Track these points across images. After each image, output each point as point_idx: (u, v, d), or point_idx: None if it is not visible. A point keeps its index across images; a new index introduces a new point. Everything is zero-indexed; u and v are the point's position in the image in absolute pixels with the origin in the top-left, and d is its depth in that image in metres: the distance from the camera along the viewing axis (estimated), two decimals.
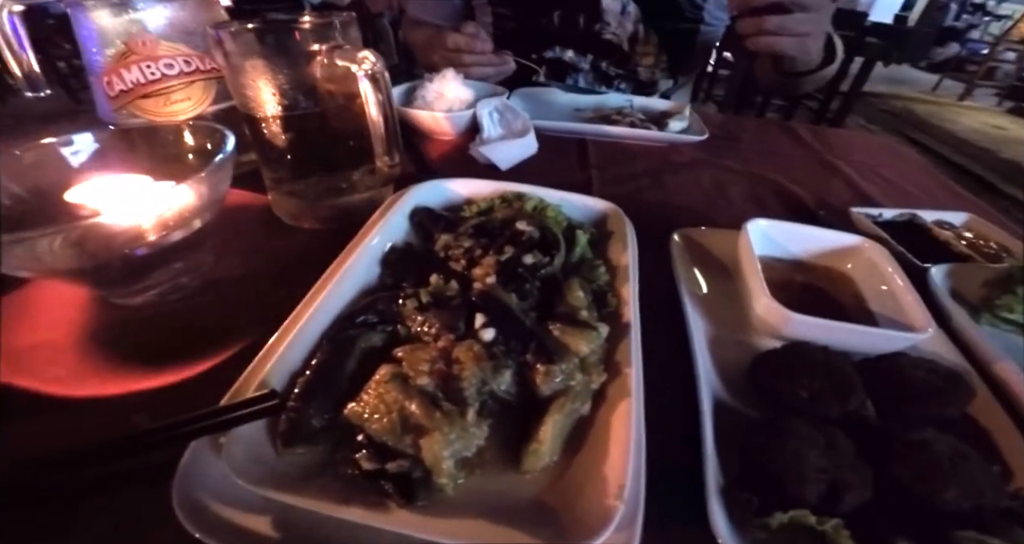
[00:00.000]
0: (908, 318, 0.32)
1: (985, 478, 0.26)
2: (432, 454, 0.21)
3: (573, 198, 0.42)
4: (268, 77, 0.36)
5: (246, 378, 0.25)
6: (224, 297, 0.39)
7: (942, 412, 0.30)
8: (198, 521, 0.21)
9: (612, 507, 0.20)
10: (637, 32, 0.84)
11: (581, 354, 0.26)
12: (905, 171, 0.68)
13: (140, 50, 0.42)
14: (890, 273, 0.35)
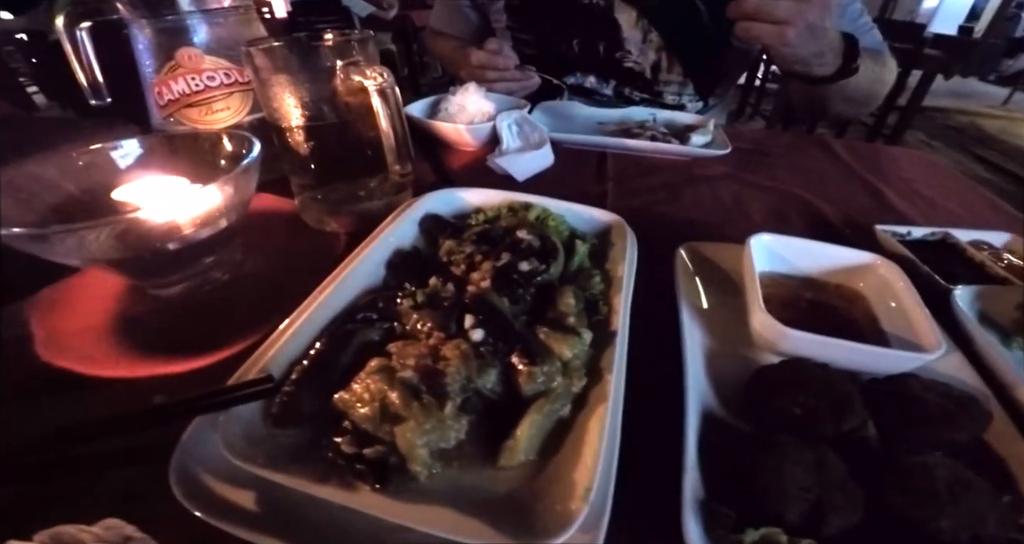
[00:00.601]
0: (919, 338, 0.30)
1: (990, 507, 0.24)
2: (406, 442, 0.22)
3: (578, 209, 0.43)
4: (292, 90, 0.39)
5: (249, 365, 0.27)
6: (249, 291, 0.42)
7: (952, 437, 0.28)
8: (192, 494, 0.23)
9: (576, 509, 0.21)
10: (660, 60, 0.82)
11: (564, 358, 0.27)
12: (947, 188, 0.65)
13: (187, 63, 0.47)
14: (903, 291, 0.34)
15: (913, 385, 0.30)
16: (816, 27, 0.58)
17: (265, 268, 0.45)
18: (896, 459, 0.26)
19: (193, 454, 0.24)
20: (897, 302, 0.34)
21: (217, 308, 0.40)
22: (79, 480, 0.26)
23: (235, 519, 0.22)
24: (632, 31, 0.80)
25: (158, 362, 0.34)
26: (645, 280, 0.37)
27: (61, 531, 0.22)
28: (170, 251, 0.37)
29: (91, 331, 0.37)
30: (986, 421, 0.29)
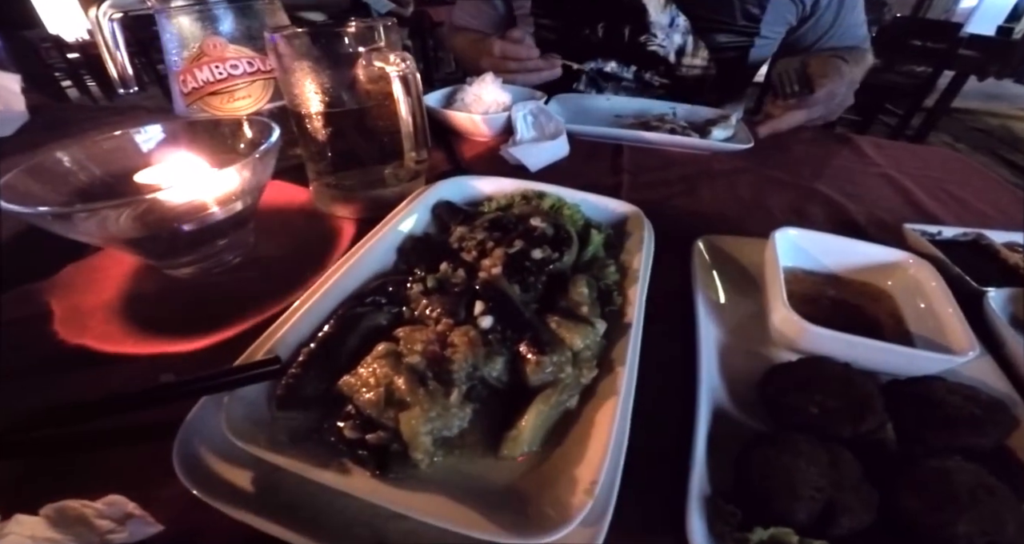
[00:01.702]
0: (948, 340, 0.29)
1: (1011, 515, 0.23)
2: (409, 428, 0.22)
3: (593, 199, 0.42)
4: (314, 77, 0.39)
5: (258, 345, 0.27)
6: (260, 273, 0.43)
7: (974, 442, 0.27)
8: (193, 473, 0.23)
9: (579, 503, 0.20)
10: (685, 44, 0.81)
11: (574, 348, 0.26)
12: (978, 188, 0.62)
13: (211, 52, 0.47)
14: (935, 291, 0.32)
15: (938, 388, 0.29)
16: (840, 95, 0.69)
17: (276, 252, 0.45)
18: (914, 462, 0.25)
19: (197, 434, 0.24)
20: (927, 302, 0.32)
21: (228, 289, 0.40)
22: (85, 458, 0.27)
23: (233, 500, 0.22)
24: (659, 15, 0.80)
25: (170, 340, 0.35)
26: (660, 272, 0.36)
27: (66, 506, 0.22)
28: (186, 232, 0.37)
29: (106, 309, 0.38)
30: (1012, 427, 0.28)
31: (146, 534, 0.23)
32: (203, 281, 0.41)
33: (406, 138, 0.41)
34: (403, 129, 0.40)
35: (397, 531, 0.22)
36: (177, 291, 0.40)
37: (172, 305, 0.39)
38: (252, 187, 0.39)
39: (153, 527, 0.23)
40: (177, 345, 0.34)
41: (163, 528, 0.23)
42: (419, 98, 0.38)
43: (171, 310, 0.38)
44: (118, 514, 0.23)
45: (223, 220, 0.39)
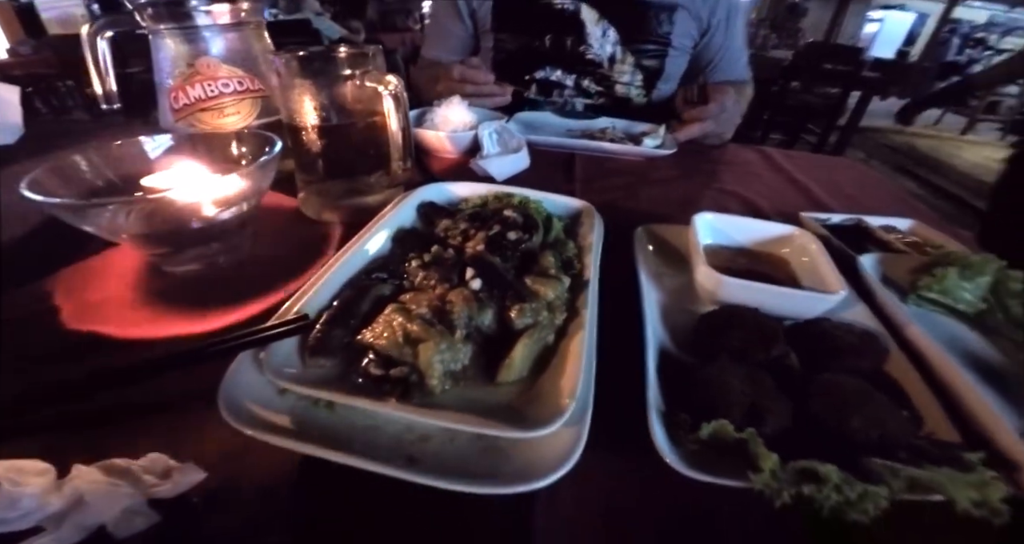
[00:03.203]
0: (826, 286, 0.38)
1: (890, 415, 0.31)
2: (426, 358, 0.28)
3: (553, 197, 0.50)
4: (310, 94, 0.45)
5: (284, 310, 0.32)
6: (254, 271, 0.46)
7: (857, 364, 0.35)
8: (238, 417, 0.26)
9: (564, 404, 0.26)
10: (615, 53, 0.98)
11: (548, 298, 0.33)
12: (866, 187, 0.76)
13: (205, 71, 0.52)
14: (817, 254, 0.42)
15: (826, 326, 0.37)
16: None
17: (271, 252, 0.50)
18: (814, 378, 0.33)
19: (235, 387, 0.28)
20: (812, 263, 0.42)
21: (229, 283, 0.44)
22: (122, 423, 0.30)
23: (275, 433, 0.26)
24: (594, 28, 0.96)
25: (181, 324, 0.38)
26: (609, 255, 0.43)
27: (112, 463, 0.26)
28: (190, 230, 0.41)
29: (112, 303, 0.41)
30: (884, 354, 0.37)
31: (191, 483, 0.26)
32: (205, 276, 0.44)
33: (395, 148, 0.47)
34: (392, 140, 0.46)
35: (422, 452, 0.27)
36: (180, 286, 0.43)
37: (176, 297, 0.42)
38: (253, 192, 0.44)
39: (198, 474, 0.26)
40: (189, 327, 0.38)
41: (207, 475, 0.26)
42: (406, 114, 0.45)
43: (176, 301, 0.41)
44: (159, 469, 0.26)
45: (226, 221, 0.43)
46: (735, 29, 1.01)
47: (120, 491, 0.23)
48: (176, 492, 0.25)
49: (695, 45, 1.01)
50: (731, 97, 0.86)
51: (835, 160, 0.89)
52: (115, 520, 0.23)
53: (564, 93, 1.03)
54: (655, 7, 0.95)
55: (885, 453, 0.29)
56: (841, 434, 0.30)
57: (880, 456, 0.28)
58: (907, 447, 0.30)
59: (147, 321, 0.39)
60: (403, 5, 6.95)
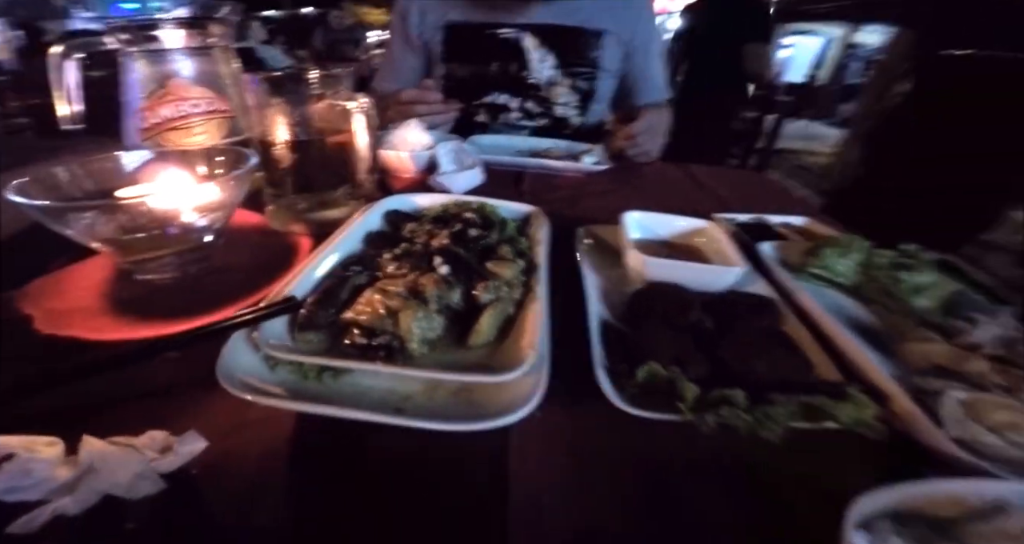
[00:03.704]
0: (730, 264, 0.47)
1: (786, 361, 0.39)
2: (405, 324, 0.32)
3: (506, 203, 0.57)
4: (283, 113, 0.50)
5: (272, 296, 0.35)
6: (226, 279, 0.48)
7: (759, 324, 0.43)
8: (233, 386, 0.30)
9: (526, 354, 0.32)
10: (553, 77, 1.10)
11: (506, 278, 0.39)
12: (772, 196, 0.89)
13: (176, 91, 0.55)
14: (723, 241, 0.51)
15: (734, 295, 0.46)
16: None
17: (241, 261, 0.52)
18: (724, 335, 0.41)
19: (231, 363, 0.31)
20: (720, 249, 0.51)
21: (199, 292, 0.46)
22: (128, 405, 0.32)
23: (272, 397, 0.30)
24: (534, 54, 1.08)
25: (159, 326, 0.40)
26: (556, 252, 0.49)
27: (114, 439, 0.28)
28: (165, 237, 0.44)
29: (86, 310, 0.42)
30: (780, 316, 0.45)
31: (193, 453, 0.28)
32: (178, 285, 0.46)
33: (362, 161, 0.52)
34: (360, 154, 0.52)
35: (408, 408, 0.31)
36: (153, 294, 0.45)
37: (150, 304, 0.43)
38: (228, 203, 0.47)
39: (199, 443, 0.29)
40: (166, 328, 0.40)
41: (208, 443, 0.29)
42: (374, 129, 0.51)
43: (149, 308, 0.43)
44: (159, 445, 0.28)
45: (200, 230, 0.46)
46: (652, 53, 1.16)
47: (128, 457, 0.26)
48: (178, 464, 0.27)
49: (621, 67, 1.15)
50: (653, 117, 0.99)
51: (745, 173, 1.04)
52: (125, 484, 0.25)
53: (510, 115, 1.13)
54: (585, 33, 1.08)
55: (783, 390, 0.36)
56: (747, 376, 0.37)
57: (779, 392, 0.36)
58: (800, 384, 0.37)
59: (121, 326, 0.40)
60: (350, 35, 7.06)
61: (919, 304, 0.49)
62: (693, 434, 0.31)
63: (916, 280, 0.51)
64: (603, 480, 0.31)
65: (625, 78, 1.16)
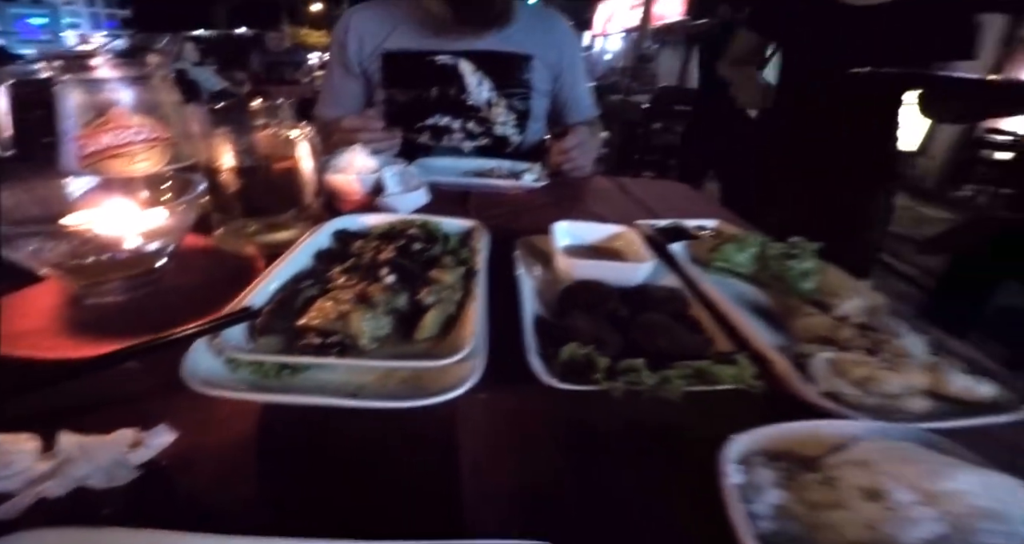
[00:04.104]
0: (642, 261, 0.55)
1: (687, 338, 0.46)
2: (356, 324, 0.36)
3: (448, 220, 0.62)
4: (229, 141, 0.53)
5: (229, 308, 0.38)
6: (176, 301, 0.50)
7: (668, 309, 0.50)
8: (199, 384, 0.33)
9: (466, 341, 0.37)
10: (491, 98, 1.17)
11: (448, 282, 0.44)
12: (689, 201, 1.00)
13: (116, 120, 0.56)
14: (637, 243, 0.59)
15: (647, 287, 0.53)
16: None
17: (192, 284, 0.54)
18: (636, 319, 0.48)
19: (194, 367, 0.34)
20: (635, 249, 0.58)
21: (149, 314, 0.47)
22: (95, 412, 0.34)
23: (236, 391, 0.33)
24: (471, 78, 1.15)
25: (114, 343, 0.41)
26: (497, 262, 0.55)
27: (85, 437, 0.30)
28: (115, 262, 0.45)
29: (37, 332, 0.43)
30: (686, 303, 0.53)
31: (163, 445, 0.31)
32: (129, 308, 0.48)
33: (309, 186, 0.56)
34: (307, 179, 0.55)
35: (363, 394, 0.35)
36: (103, 317, 0.46)
37: (103, 324, 0.45)
38: (178, 228, 0.50)
39: (169, 435, 0.32)
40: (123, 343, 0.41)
41: (178, 435, 0.32)
42: (317, 157, 0.55)
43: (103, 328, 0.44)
44: (128, 440, 0.31)
45: (151, 255, 0.48)
46: (578, 74, 1.26)
47: (104, 446, 0.28)
48: (149, 456, 0.30)
49: (551, 88, 1.25)
50: (586, 133, 1.09)
51: (668, 183, 1.15)
52: (102, 471, 0.28)
53: (453, 136, 1.19)
54: (516, 58, 1.17)
55: (682, 360, 0.43)
56: (652, 350, 0.43)
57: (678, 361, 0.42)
58: (696, 354, 0.44)
59: (76, 346, 0.41)
60: (290, 58, 6.96)
61: (804, 286, 0.59)
62: (608, 399, 0.37)
63: (802, 267, 0.60)
64: (538, 443, 0.36)
65: (556, 98, 1.26)
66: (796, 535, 0.29)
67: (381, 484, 0.32)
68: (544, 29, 1.20)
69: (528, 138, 1.24)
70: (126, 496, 0.27)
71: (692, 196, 1.08)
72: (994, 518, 0.28)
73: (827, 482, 0.32)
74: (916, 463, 0.31)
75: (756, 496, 0.31)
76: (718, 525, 0.28)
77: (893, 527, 0.27)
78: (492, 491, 0.32)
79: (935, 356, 0.46)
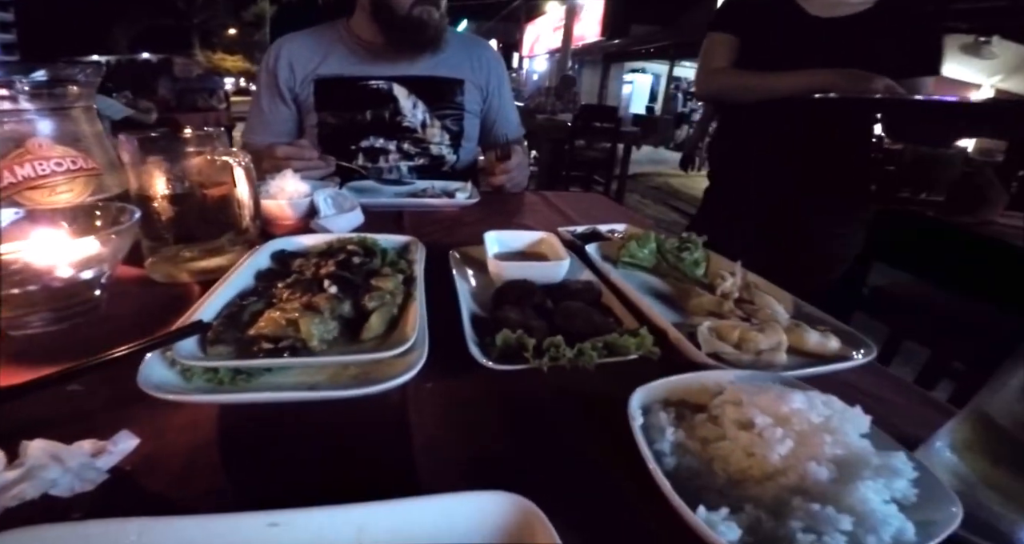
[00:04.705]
0: (560, 259, 0.63)
1: (600, 320, 0.54)
2: (306, 328, 0.40)
3: (386, 236, 0.67)
4: (160, 170, 0.54)
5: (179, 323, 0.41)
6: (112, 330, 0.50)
7: (584, 298, 0.58)
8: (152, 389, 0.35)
9: (409, 334, 0.42)
10: (425, 119, 1.24)
11: (389, 288, 0.49)
12: (605, 210, 1.12)
13: (36, 151, 0.56)
14: (557, 246, 0.67)
15: (567, 282, 0.61)
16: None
17: (125, 313, 0.54)
18: (558, 307, 0.55)
19: (149, 378, 0.36)
20: (556, 251, 0.67)
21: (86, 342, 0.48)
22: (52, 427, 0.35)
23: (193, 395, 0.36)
24: (406, 101, 1.21)
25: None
26: (432, 272, 0.60)
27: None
28: (46, 293, 0.46)
29: None
30: (600, 293, 0.61)
31: (127, 450, 0.33)
32: (66, 337, 0.48)
33: (246, 210, 0.58)
34: (244, 204, 0.58)
35: (318, 389, 0.38)
36: (37, 346, 0.46)
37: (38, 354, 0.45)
38: (110, 258, 0.50)
39: (133, 440, 0.33)
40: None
41: (140, 440, 0.34)
42: (254, 180, 0.58)
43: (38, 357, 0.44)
44: (89, 451, 0.32)
45: (83, 283, 0.48)
46: (505, 95, 1.36)
47: (71, 453, 0.30)
48: (114, 461, 0.32)
49: (482, 109, 1.33)
50: (522, 153, 1.18)
51: (588, 195, 1.27)
52: (71, 475, 0.29)
53: (389, 157, 1.23)
54: (447, 82, 1.24)
55: (595, 336, 0.50)
56: (573, 332, 0.50)
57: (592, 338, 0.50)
58: (607, 331, 0.52)
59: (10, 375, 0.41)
60: (204, 84, 6.59)
61: (696, 273, 0.70)
62: (538, 374, 0.44)
63: (693, 257, 0.72)
64: (481, 417, 0.41)
65: (485, 118, 1.35)
66: (694, 468, 0.36)
67: (340, 465, 0.36)
68: (474, 55, 1.29)
69: (462, 157, 1.31)
70: (93, 501, 0.29)
71: (608, 206, 1.21)
72: (827, 431, 0.36)
73: (712, 420, 0.40)
74: (768, 393, 0.40)
75: (659, 436, 0.39)
76: (633, 463, 0.34)
77: (762, 449, 0.35)
78: (443, 460, 0.37)
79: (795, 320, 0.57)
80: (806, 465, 0.33)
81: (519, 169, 1.16)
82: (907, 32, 1.08)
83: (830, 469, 0.33)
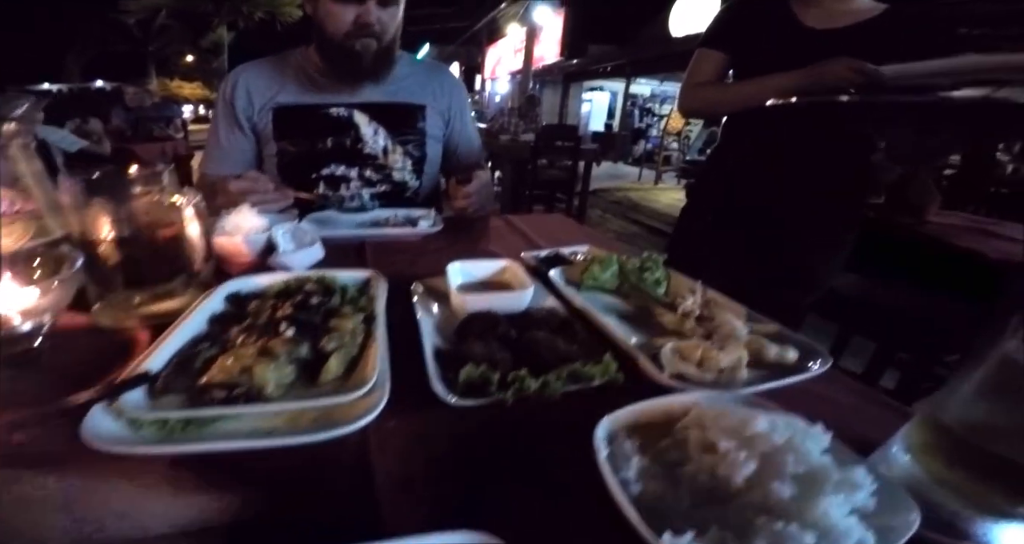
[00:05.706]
0: (524, 288, 0.64)
1: (564, 348, 0.55)
2: (261, 374, 0.39)
3: (345, 272, 0.66)
4: (105, 212, 0.52)
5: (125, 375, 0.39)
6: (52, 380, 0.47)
7: (548, 324, 0.59)
8: (100, 441, 0.33)
9: (370, 376, 0.41)
10: (387, 145, 1.23)
11: (348, 328, 0.48)
12: (567, 231, 1.15)
13: None
14: (520, 273, 0.68)
15: (531, 311, 0.62)
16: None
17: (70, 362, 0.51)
18: (523, 338, 0.55)
19: (93, 430, 0.35)
20: (520, 279, 0.68)
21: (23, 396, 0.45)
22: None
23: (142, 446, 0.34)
24: (367, 128, 1.20)
25: None
26: (396, 304, 0.60)
27: None
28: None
29: None
30: (564, 319, 0.62)
31: None
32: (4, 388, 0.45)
33: (197, 252, 0.57)
34: (195, 245, 0.56)
35: (275, 435, 0.37)
36: None
37: None
38: (52, 306, 0.48)
39: None
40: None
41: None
42: (205, 221, 0.56)
43: None
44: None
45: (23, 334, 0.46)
46: (466, 120, 1.37)
47: None
48: None
49: (444, 134, 1.34)
50: (485, 177, 1.18)
51: (549, 216, 1.30)
52: None
53: (351, 185, 1.21)
54: (408, 108, 1.25)
55: (561, 364, 0.51)
56: (538, 362, 0.51)
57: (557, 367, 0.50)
58: (571, 359, 0.52)
59: None
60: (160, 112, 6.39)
61: (657, 292, 0.72)
62: (503, 407, 0.44)
63: (654, 277, 0.74)
64: (446, 453, 0.41)
65: (447, 143, 1.36)
66: (659, 492, 0.37)
67: (302, 509, 0.34)
68: (435, 80, 1.30)
69: (425, 183, 1.32)
70: None
71: (571, 227, 1.23)
72: (790, 450, 0.37)
73: (677, 444, 0.41)
74: (731, 417, 0.41)
75: (624, 464, 0.39)
76: (601, 492, 0.34)
77: (727, 471, 0.36)
78: (408, 500, 0.36)
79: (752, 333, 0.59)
80: (769, 485, 0.34)
81: (480, 192, 1.16)
82: (911, 42, 1.03)
83: (792, 487, 0.34)
